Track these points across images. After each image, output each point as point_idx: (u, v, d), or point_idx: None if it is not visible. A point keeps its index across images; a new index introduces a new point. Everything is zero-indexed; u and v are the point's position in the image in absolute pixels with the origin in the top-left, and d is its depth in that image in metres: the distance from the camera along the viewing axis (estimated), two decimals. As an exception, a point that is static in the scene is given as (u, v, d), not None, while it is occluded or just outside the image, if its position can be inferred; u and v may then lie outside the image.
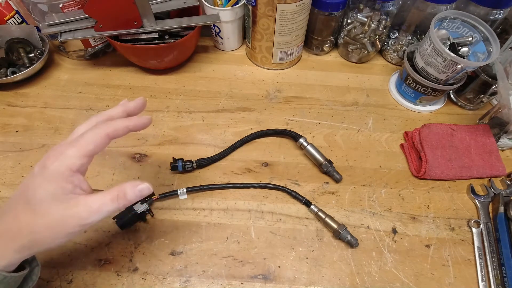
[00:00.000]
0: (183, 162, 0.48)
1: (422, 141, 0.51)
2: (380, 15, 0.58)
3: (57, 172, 0.27)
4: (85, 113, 0.56)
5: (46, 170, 0.27)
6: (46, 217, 0.27)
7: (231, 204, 0.47)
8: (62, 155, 0.28)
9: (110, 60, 0.64)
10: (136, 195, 0.29)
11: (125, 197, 0.28)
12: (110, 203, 0.28)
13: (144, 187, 0.29)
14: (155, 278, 0.41)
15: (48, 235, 0.27)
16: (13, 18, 0.60)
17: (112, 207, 0.28)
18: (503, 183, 0.50)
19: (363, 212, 0.47)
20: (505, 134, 0.52)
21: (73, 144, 0.28)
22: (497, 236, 0.45)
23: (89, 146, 0.28)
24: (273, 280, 0.41)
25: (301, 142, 0.50)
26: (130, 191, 0.29)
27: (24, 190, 0.28)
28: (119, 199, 0.28)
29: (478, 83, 0.55)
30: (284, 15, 0.53)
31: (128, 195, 0.29)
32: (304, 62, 0.66)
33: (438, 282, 0.42)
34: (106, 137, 0.29)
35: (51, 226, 0.27)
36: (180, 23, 0.56)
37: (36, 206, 0.27)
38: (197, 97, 0.59)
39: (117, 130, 0.30)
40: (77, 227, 0.27)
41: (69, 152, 0.28)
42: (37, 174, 0.28)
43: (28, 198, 0.27)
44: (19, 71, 0.57)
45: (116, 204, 0.28)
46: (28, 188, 0.28)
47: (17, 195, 0.28)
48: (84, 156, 0.28)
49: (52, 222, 0.27)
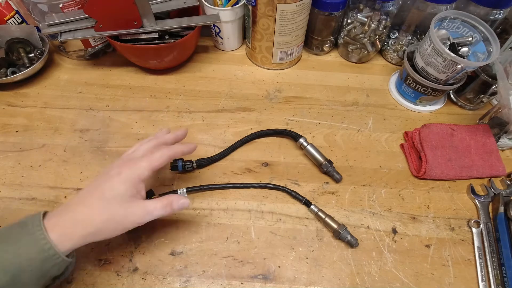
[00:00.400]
0: (183, 162, 0.48)
1: (422, 141, 0.51)
2: (380, 15, 0.58)
3: (130, 178, 0.34)
4: (85, 113, 0.56)
5: (121, 174, 0.34)
6: (112, 212, 0.33)
7: (231, 204, 0.47)
8: (136, 165, 0.35)
9: (110, 60, 0.64)
10: (179, 206, 0.37)
11: (171, 206, 0.36)
12: (160, 209, 0.35)
13: (186, 201, 0.37)
14: (155, 278, 0.41)
15: (111, 226, 0.33)
16: (13, 18, 0.60)
17: (161, 212, 0.35)
18: (503, 183, 0.50)
19: (363, 212, 0.47)
20: (505, 134, 0.52)
21: (146, 159, 0.36)
22: (497, 236, 0.45)
23: (157, 163, 0.36)
24: (273, 280, 0.41)
25: (301, 142, 0.50)
26: (176, 202, 0.36)
27: (98, 186, 0.34)
28: (167, 206, 0.36)
29: (478, 83, 0.55)
30: (284, 15, 0.53)
31: (174, 204, 0.36)
32: (304, 62, 0.66)
33: (438, 282, 0.42)
34: (169, 158, 0.37)
35: (113, 220, 0.33)
36: (180, 23, 0.56)
37: (108, 201, 0.33)
38: (197, 97, 0.59)
39: (176, 153, 0.38)
40: (134, 223, 0.34)
41: (142, 164, 0.35)
42: (114, 176, 0.34)
43: (103, 193, 0.33)
44: (19, 71, 0.57)
45: (164, 210, 0.35)
46: (104, 186, 0.34)
47: (91, 190, 0.34)
48: (151, 170, 0.36)
49: (117, 217, 0.33)
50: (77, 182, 0.49)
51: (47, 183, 0.48)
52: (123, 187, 0.34)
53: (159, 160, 0.36)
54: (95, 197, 0.33)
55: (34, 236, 0.30)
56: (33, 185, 0.48)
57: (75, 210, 0.33)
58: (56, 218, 0.32)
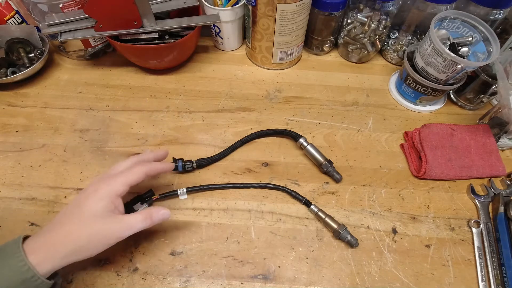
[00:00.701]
0: (183, 162, 0.48)
1: (422, 141, 0.51)
2: (380, 15, 0.58)
3: (107, 194, 0.35)
4: (85, 113, 0.56)
5: (98, 191, 0.35)
6: (92, 228, 0.33)
7: (231, 204, 0.47)
8: (112, 182, 0.36)
9: (110, 60, 0.64)
10: (159, 217, 0.37)
11: (151, 218, 0.36)
12: (140, 222, 0.36)
13: (166, 212, 0.38)
14: (155, 278, 0.41)
15: (92, 243, 0.33)
16: (13, 18, 0.60)
17: (141, 225, 0.36)
18: (503, 183, 0.50)
19: (363, 212, 0.47)
20: (505, 134, 0.52)
21: (121, 175, 0.37)
22: (497, 236, 0.45)
23: (133, 178, 0.37)
24: (273, 280, 0.41)
25: (301, 142, 0.50)
26: (155, 213, 0.37)
27: (76, 205, 0.35)
28: (146, 219, 0.36)
29: (478, 83, 0.55)
30: (284, 15, 0.53)
31: (154, 216, 0.37)
32: (304, 62, 0.66)
33: (438, 282, 0.42)
34: (144, 174, 0.38)
35: (94, 237, 0.33)
36: (180, 23, 0.56)
37: (86, 218, 0.33)
38: (197, 97, 0.59)
39: (152, 170, 0.39)
40: (114, 239, 0.34)
41: (118, 180, 0.36)
42: (91, 193, 0.35)
43: (82, 211, 0.34)
44: (19, 71, 0.57)
45: (144, 223, 0.36)
46: (82, 204, 0.34)
47: (69, 209, 0.35)
48: (127, 185, 0.36)
49: (96, 233, 0.33)
50: (77, 182, 0.49)
51: (47, 183, 0.48)
52: (101, 203, 0.34)
53: (135, 176, 0.37)
54: (74, 215, 0.34)
55: (12, 259, 0.31)
56: (33, 185, 0.48)
57: (54, 230, 0.33)
58: (35, 241, 0.33)
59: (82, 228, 0.33)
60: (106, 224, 0.34)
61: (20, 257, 0.31)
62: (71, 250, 0.32)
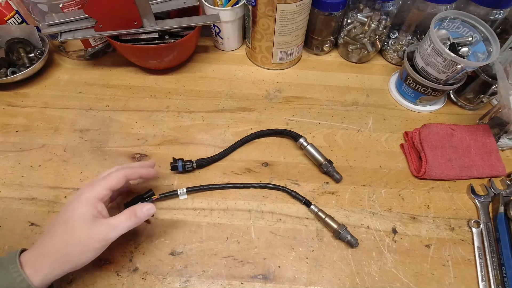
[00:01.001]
0: (183, 162, 0.48)
1: (422, 141, 0.51)
2: (380, 15, 0.58)
3: (88, 199, 0.36)
4: (85, 113, 0.56)
5: (81, 196, 0.36)
6: (77, 233, 0.34)
7: (231, 204, 0.47)
8: (93, 187, 0.37)
9: (110, 60, 0.64)
10: (144, 213, 0.37)
11: (136, 215, 0.37)
12: (125, 221, 0.36)
13: (150, 207, 0.38)
14: (155, 278, 0.41)
15: (77, 249, 0.34)
16: (13, 18, 0.60)
17: (126, 224, 0.36)
18: (503, 183, 0.50)
19: (363, 212, 0.47)
20: (505, 134, 0.52)
21: (102, 180, 0.38)
22: (497, 236, 0.45)
23: (112, 182, 0.38)
24: (273, 280, 0.41)
25: (301, 142, 0.50)
26: (139, 210, 0.37)
27: (63, 213, 0.36)
28: (131, 217, 0.36)
29: (478, 83, 0.55)
30: (284, 15, 0.53)
31: (138, 213, 0.37)
32: (304, 62, 0.66)
33: (438, 282, 0.42)
34: (125, 176, 0.39)
35: (80, 241, 0.34)
36: (180, 23, 0.56)
37: (71, 224, 0.34)
38: (197, 97, 0.59)
39: (133, 173, 0.40)
40: (101, 242, 0.35)
41: (99, 184, 0.37)
42: (75, 199, 0.36)
43: (67, 218, 0.35)
44: (19, 71, 0.57)
45: (129, 221, 0.36)
46: (67, 210, 0.35)
47: (57, 219, 0.36)
48: (108, 189, 0.37)
49: (81, 238, 0.34)
50: (77, 182, 0.49)
51: (47, 183, 0.48)
52: (83, 209, 0.35)
53: (114, 179, 0.38)
54: (60, 224, 0.35)
55: (8, 270, 0.31)
56: (33, 185, 0.48)
57: (44, 241, 0.34)
58: (30, 253, 0.34)
59: (68, 235, 0.34)
60: (90, 229, 0.34)
61: (16, 267, 0.32)
62: (59, 259, 0.33)
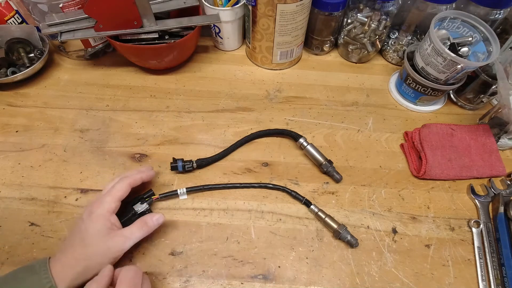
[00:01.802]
0: (183, 162, 0.48)
1: (422, 141, 0.51)
2: (380, 15, 0.58)
3: (101, 214, 0.38)
4: (85, 113, 0.56)
5: (93, 214, 0.38)
6: (95, 247, 0.37)
7: (231, 204, 0.47)
8: (102, 203, 0.39)
9: (110, 60, 0.64)
10: (154, 223, 0.41)
11: (147, 225, 0.40)
12: (137, 231, 0.39)
13: (159, 216, 0.41)
14: (155, 278, 0.41)
15: (97, 260, 0.37)
16: (13, 18, 0.60)
17: (139, 234, 0.39)
18: (503, 183, 0.50)
19: (363, 212, 0.47)
20: (505, 134, 0.52)
21: (108, 194, 0.40)
22: (497, 236, 0.45)
23: (119, 193, 0.40)
24: (273, 280, 0.41)
25: (301, 142, 0.50)
26: (150, 220, 0.40)
27: (77, 231, 0.38)
28: (143, 227, 0.40)
29: (478, 83, 0.55)
30: (284, 15, 0.53)
31: (149, 223, 0.40)
32: (304, 62, 0.66)
33: (438, 282, 0.42)
34: (128, 185, 0.41)
35: (99, 254, 0.37)
36: (180, 23, 0.56)
37: (88, 240, 0.37)
38: (197, 97, 0.59)
39: (136, 180, 0.43)
40: (118, 252, 0.38)
41: (106, 199, 0.39)
42: (86, 218, 0.38)
43: (82, 236, 0.37)
44: (19, 71, 0.57)
45: (141, 231, 0.39)
46: (81, 229, 0.38)
47: (72, 236, 0.38)
48: (117, 201, 0.40)
49: (100, 251, 0.37)
50: (77, 182, 0.49)
51: (47, 183, 0.48)
52: (97, 224, 0.38)
53: (120, 191, 0.40)
54: (77, 240, 0.37)
55: (39, 276, 0.34)
56: (33, 185, 0.48)
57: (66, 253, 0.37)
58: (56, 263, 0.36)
59: (87, 249, 0.37)
60: (106, 242, 0.37)
61: (46, 274, 0.34)
62: (81, 271, 0.36)
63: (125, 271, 0.35)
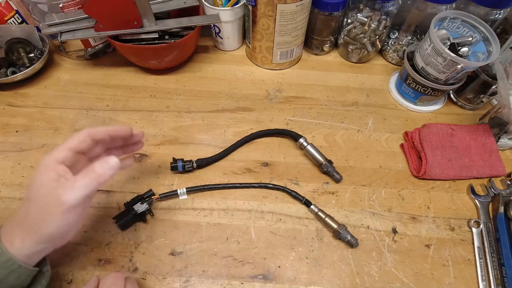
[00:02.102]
0: (183, 162, 0.48)
1: (422, 141, 0.51)
2: (380, 15, 0.58)
3: (46, 163, 0.33)
4: (85, 113, 0.56)
5: (39, 163, 0.33)
6: (38, 201, 0.32)
7: (231, 204, 0.47)
8: (51, 151, 0.34)
9: (110, 60, 0.64)
10: (104, 167, 0.32)
11: (94, 171, 0.32)
12: (81, 179, 0.32)
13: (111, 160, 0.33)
14: (155, 278, 0.41)
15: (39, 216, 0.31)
16: (13, 18, 0.60)
17: (83, 182, 0.31)
18: (503, 183, 0.50)
19: (363, 212, 0.47)
20: (505, 134, 0.52)
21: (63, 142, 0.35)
22: (497, 236, 0.45)
23: (73, 142, 0.34)
24: (273, 280, 0.41)
25: (301, 142, 0.50)
26: (99, 165, 0.32)
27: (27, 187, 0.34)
28: (88, 173, 0.32)
29: (478, 83, 0.55)
30: (284, 15, 0.53)
31: (96, 168, 0.32)
32: (304, 62, 0.66)
33: (438, 282, 0.42)
34: (88, 135, 0.35)
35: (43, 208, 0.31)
36: (180, 23, 0.56)
37: (31, 193, 0.32)
38: (197, 97, 0.59)
39: (97, 131, 0.36)
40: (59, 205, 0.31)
41: (57, 148, 0.34)
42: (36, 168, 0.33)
43: (29, 188, 0.33)
44: (19, 71, 0.57)
45: (87, 178, 0.32)
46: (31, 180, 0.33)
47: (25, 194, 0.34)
48: (68, 150, 0.34)
49: (43, 205, 0.31)
50: (77, 182, 0.48)
51: (47, 183, 0.48)
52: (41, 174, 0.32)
53: (75, 139, 0.35)
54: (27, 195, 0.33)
55: None
56: (33, 185, 0.48)
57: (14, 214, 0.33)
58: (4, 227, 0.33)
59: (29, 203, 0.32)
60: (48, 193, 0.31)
61: None
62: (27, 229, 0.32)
63: (103, 281, 0.34)
